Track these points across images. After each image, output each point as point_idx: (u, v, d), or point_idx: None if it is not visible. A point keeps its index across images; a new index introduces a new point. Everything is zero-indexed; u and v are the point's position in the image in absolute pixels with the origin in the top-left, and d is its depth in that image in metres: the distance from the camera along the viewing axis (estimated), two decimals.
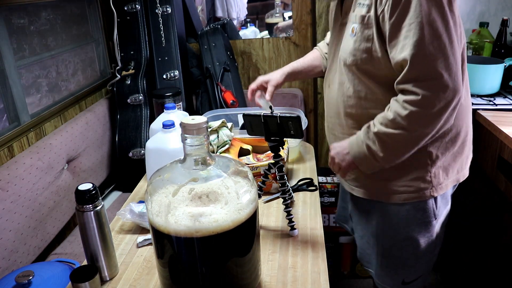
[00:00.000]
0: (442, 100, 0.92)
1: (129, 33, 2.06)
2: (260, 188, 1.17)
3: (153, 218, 0.78)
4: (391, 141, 0.98)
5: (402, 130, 0.96)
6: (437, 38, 0.89)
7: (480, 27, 2.01)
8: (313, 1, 2.25)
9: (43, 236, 1.44)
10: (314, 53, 1.45)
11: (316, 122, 2.48)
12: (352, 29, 1.02)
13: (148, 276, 0.97)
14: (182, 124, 0.76)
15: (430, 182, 1.08)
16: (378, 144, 0.99)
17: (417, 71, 0.91)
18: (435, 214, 1.12)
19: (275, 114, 1.03)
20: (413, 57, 0.90)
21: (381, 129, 0.98)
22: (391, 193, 1.10)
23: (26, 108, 1.54)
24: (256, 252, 0.87)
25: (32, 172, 1.40)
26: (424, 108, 0.92)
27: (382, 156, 1.00)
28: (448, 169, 1.09)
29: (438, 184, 1.08)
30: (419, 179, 1.07)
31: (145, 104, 2.00)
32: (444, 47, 0.90)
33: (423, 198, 1.09)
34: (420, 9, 0.88)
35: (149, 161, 1.31)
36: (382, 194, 1.12)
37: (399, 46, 0.92)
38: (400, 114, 0.94)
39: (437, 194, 1.09)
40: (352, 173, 1.15)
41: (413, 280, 1.19)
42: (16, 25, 1.51)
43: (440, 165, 1.07)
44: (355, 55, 1.02)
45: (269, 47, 2.37)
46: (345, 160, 1.07)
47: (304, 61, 1.43)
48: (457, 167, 1.12)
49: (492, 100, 1.67)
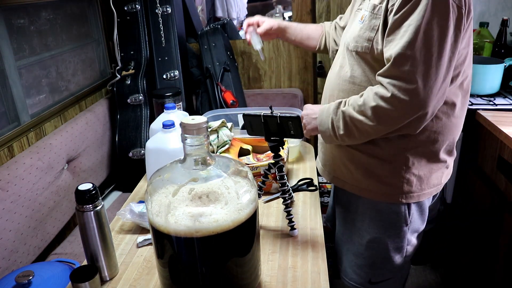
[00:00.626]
0: (407, 107, 0.93)
1: (129, 33, 2.06)
2: (260, 188, 1.17)
3: (153, 218, 0.78)
4: (352, 124, 1.00)
5: (365, 118, 0.98)
6: (427, 47, 0.90)
7: (480, 27, 2.01)
8: (313, 1, 2.25)
9: (43, 236, 1.44)
10: (317, 26, 1.44)
11: None
12: (362, 16, 1.04)
13: (148, 276, 0.97)
14: (182, 124, 0.76)
15: (401, 187, 1.08)
16: (341, 122, 1.02)
17: (396, 70, 0.92)
18: (406, 220, 1.12)
19: (275, 114, 1.03)
20: (397, 56, 0.91)
21: (348, 109, 1.01)
22: (362, 187, 1.12)
23: (26, 108, 1.54)
24: (256, 252, 0.87)
25: (32, 172, 1.40)
26: (389, 106, 0.94)
27: (341, 134, 1.03)
28: (423, 180, 1.09)
29: (410, 192, 1.08)
30: (391, 181, 1.08)
31: (145, 104, 2.00)
32: (429, 58, 0.90)
33: (392, 201, 1.10)
34: (423, 14, 0.88)
35: (149, 161, 1.31)
36: (353, 186, 1.14)
37: (393, 43, 0.93)
38: (368, 103, 0.96)
39: (406, 201, 1.09)
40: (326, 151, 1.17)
41: (380, 281, 1.20)
42: (16, 25, 1.51)
43: (416, 174, 1.07)
44: (357, 42, 1.03)
45: (269, 47, 2.37)
46: (311, 124, 1.10)
47: (303, 26, 1.43)
48: (433, 181, 1.11)
49: (492, 100, 1.67)
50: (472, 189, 1.65)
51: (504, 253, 1.43)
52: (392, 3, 0.94)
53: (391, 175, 1.07)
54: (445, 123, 1.03)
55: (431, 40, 0.89)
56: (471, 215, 1.67)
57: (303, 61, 2.38)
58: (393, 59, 0.92)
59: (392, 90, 0.92)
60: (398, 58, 0.91)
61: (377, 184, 1.09)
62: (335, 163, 1.17)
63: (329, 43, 1.39)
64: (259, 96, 2.35)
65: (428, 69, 0.90)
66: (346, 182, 1.16)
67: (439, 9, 0.89)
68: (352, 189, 1.14)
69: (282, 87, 2.45)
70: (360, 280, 1.21)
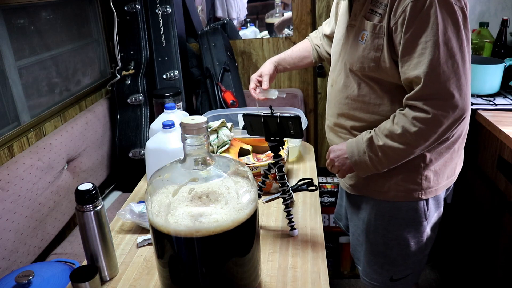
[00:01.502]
0: (451, 119, 0.93)
1: (129, 33, 2.06)
2: (260, 188, 1.17)
3: (153, 218, 0.78)
4: (393, 154, 1.00)
5: (407, 145, 0.97)
6: (452, 57, 0.90)
7: (480, 27, 2.01)
8: (313, 1, 2.25)
9: (43, 236, 1.44)
10: (304, 43, 1.45)
11: (316, 122, 2.48)
12: (362, 35, 1.03)
13: (148, 276, 0.97)
14: (182, 124, 0.76)
15: (420, 184, 1.09)
16: (381, 155, 1.01)
17: (429, 90, 0.92)
18: (425, 215, 1.13)
19: (275, 114, 1.03)
20: (426, 76, 0.91)
21: (386, 142, 0.99)
22: (382, 191, 1.12)
23: (26, 108, 1.54)
24: (256, 252, 0.87)
25: (32, 172, 1.40)
26: (433, 126, 0.94)
27: (382, 166, 1.03)
28: (439, 174, 1.10)
29: (428, 187, 1.10)
30: (410, 180, 1.09)
31: (145, 104, 2.00)
32: (457, 67, 0.91)
33: (411, 199, 1.10)
34: (437, 27, 0.89)
35: (149, 161, 1.31)
36: (373, 191, 1.14)
37: (413, 62, 0.93)
38: (409, 131, 0.96)
39: (425, 197, 1.10)
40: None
41: (401, 277, 1.20)
42: (16, 25, 1.51)
43: (432, 169, 1.08)
44: (363, 63, 1.03)
45: (269, 47, 2.37)
46: (345, 165, 1.09)
47: (292, 52, 1.44)
48: (448, 173, 1.12)
49: (492, 100, 1.67)
50: (472, 189, 1.65)
51: (504, 253, 1.43)
52: (395, 21, 0.94)
53: (410, 175, 1.08)
54: None
55: (452, 50, 0.90)
56: (471, 215, 1.67)
57: None
58: (423, 80, 0.91)
59: (432, 110, 0.92)
60: (427, 78, 0.91)
61: (396, 186, 1.10)
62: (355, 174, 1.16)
63: (323, 53, 1.40)
64: None
65: (459, 78, 0.91)
66: (363, 187, 1.16)
67: (449, 17, 0.89)
68: (373, 195, 1.15)
69: (282, 87, 2.45)
70: (381, 279, 1.21)
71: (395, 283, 1.20)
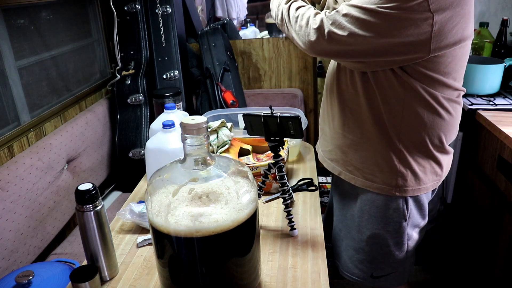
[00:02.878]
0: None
1: (129, 33, 2.06)
2: (260, 188, 1.17)
3: (153, 218, 0.78)
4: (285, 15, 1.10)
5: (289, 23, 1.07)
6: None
7: (480, 27, 2.02)
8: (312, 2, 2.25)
9: (43, 236, 1.44)
10: None
11: (316, 122, 2.48)
12: None
13: (148, 276, 0.97)
14: (182, 124, 0.76)
15: (395, 179, 1.09)
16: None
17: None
18: (404, 215, 1.13)
19: (275, 114, 1.03)
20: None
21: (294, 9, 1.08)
22: (360, 177, 1.13)
23: (26, 108, 1.54)
24: (256, 252, 0.87)
25: (32, 172, 1.40)
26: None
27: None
28: (417, 175, 1.09)
29: (404, 186, 1.09)
30: (385, 173, 1.09)
31: (145, 104, 2.00)
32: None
33: (387, 193, 1.11)
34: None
35: (149, 161, 1.31)
36: (354, 178, 1.15)
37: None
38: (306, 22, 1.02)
39: (400, 195, 1.10)
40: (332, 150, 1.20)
41: (382, 275, 1.21)
42: (16, 25, 1.51)
43: (409, 167, 1.08)
44: None
45: (269, 47, 2.37)
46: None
47: None
48: (430, 176, 1.11)
49: (492, 100, 1.67)
50: (472, 189, 1.65)
51: (504, 253, 1.43)
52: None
53: (385, 167, 1.09)
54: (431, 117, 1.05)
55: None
56: (471, 215, 1.67)
57: (303, 61, 2.38)
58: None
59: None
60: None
61: (371, 177, 1.11)
62: (334, 150, 1.19)
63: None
64: (259, 96, 2.35)
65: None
66: (345, 170, 1.17)
67: None
68: (348, 178, 1.16)
69: (282, 87, 2.45)
70: (362, 275, 1.22)
71: (376, 280, 1.21)
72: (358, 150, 1.12)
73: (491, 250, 1.51)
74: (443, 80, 1.00)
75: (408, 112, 1.02)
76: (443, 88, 1.01)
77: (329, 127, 1.20)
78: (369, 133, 1.08)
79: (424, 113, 1.02)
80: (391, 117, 1.04)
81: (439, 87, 1.01)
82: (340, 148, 1.16)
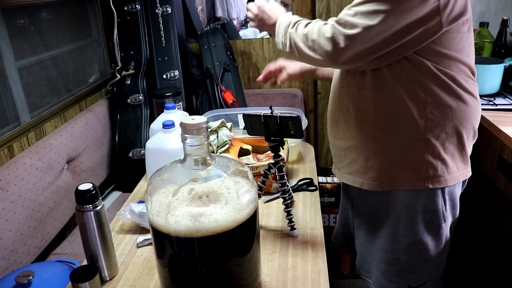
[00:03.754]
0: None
1: (129, 33, 2.06)
2: (260, 188, 1.17)
3: (153, 218, 0.78)
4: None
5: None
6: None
7: (480, 27, 2.01)
8: (313, 1, 2.25)
9: (43, 236, 1.44)
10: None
11: (316, 122, 2.48)
12: None
13: (148, 276, 0.97)
14: (182, 124, 0.76)
15: (426, 171, 1.05)
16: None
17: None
18: (444, 216, 1.09)
19: (275, 114, 1.03)
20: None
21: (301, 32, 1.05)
22: (386, 180, 1.08)
23: (26, 108, 1.54)
24: (256, 252, 0.87)
25: (32, 172, 1.40)
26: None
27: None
28: (447, 163, 1.06)
29: (435, 176, 1.06)
30: (414, 167, 1.05)
31: (145, 104, 2.00)
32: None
33: (420, 188, 1.06)
34: None
35: (149, 161, 1.31)
36: (379, 183, 1.09)
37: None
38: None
39: (433, 186, 1.06)
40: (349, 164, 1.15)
41: (420, 284, 1.16)
42: (16, 25, 1.51)
43: (438, 157, 1.05)
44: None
45: (269, 47, 2.37)
46: (267, 19, 1.16)
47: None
48: (459, 164, 1.09)
49: (492, 100, 1.67)
50: (472, 189, 1.65)
51: (504, 253, 1.43)
52: None
53: (415, 161, 1.05)
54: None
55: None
56: (471, 215, 1.67)
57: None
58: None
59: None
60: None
61: (402, 175, 1.06)
62: (352, 162, 1.14)
63: None
64: (259, 96, 2.35)
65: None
66: (364, 180, 1.12)
67: None
68: (372, 187, 1.10)
69: (282, 87, 2.45)
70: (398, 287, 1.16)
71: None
72: (381, 151, 1.07)
73: (491, 250, 1.51)
74: (458, 57, 1.01)
75: (431, 97, 1.00)
76: (458, 68, 1.02)
77: (344, 140, 1.14)
78: (391, 130, 1.04)
79: (447, 98, 1.01)
80: (415, 105, 1.01)
81: (454, 67, 1.01)
82: (360, 156, 1.11)
